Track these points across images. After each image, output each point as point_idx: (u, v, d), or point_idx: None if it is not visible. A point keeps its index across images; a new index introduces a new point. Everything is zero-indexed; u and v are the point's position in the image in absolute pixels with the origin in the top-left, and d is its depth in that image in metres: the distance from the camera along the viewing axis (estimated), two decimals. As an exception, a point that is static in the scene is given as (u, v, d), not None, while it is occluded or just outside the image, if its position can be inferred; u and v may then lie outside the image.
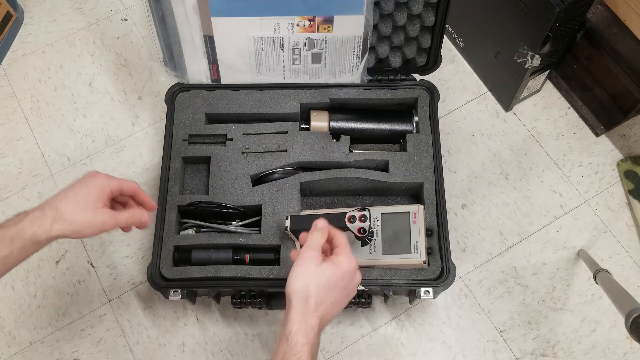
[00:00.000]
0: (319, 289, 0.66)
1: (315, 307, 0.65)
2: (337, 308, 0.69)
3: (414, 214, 0.94)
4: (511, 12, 1.05)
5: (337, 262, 0.68)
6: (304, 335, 0.63)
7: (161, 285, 0.93)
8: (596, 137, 1.21)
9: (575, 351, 1.05)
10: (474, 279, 1.10)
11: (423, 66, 1.07)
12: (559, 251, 1.12)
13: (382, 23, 0.99)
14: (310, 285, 0.65)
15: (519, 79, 1.13)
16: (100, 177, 0.72)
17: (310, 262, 0.67)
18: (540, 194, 1.16)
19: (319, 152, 1.00)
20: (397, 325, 1.06)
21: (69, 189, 0.70)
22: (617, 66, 1.07)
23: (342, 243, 0.71)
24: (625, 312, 0.80)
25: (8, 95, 1.27)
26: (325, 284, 0.66)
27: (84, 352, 1.06)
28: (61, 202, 0.68)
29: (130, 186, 0.75)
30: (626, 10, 1.01)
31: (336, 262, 0.68)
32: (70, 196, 0.69)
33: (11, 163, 1.21)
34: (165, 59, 1.02)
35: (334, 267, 0.67)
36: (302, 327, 0.64)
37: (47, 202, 0.68)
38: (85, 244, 1.13)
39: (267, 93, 1.04)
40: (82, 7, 1.36)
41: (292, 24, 0.96)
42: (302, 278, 0.66)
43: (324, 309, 0.66)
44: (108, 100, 1.26)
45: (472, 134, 1.22)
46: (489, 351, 1.05)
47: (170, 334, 1.07)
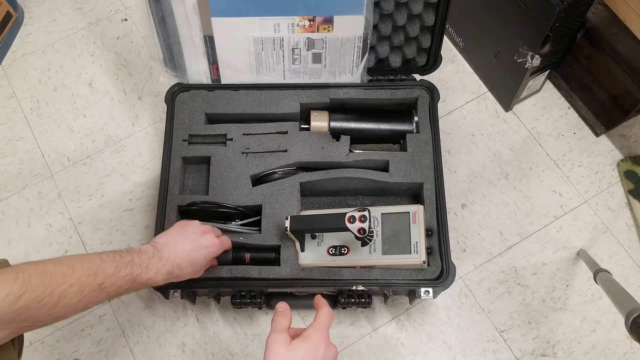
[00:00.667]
0: None
1: None
2: None
3: (413, 214, 0.94)
4: (511, 12, 1.05)
5: (306, 336, 0.67)
6: None
7: (161, 285, 0.93)
8: (596, 137, 1.21)
9: (575, 351, 1.05)
10: (474, 279, 1.10)
11: (423, 66, 1.07)
12: (559, 251, 1.12)
13: (382, 23, 0.99)
14: None
15: (519, 79, 1.13)
16: (215, 244, 0.86)
17: (279, 344, 0.66)
18: (540, 194, 1.16)
19: (319, 152, 1.00)
20: (397, 325, 1.06)
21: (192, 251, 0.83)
22: (617, 66, 1.07)
23: (319, 318, 0.70)
24: (625, 312, 0.80)
25: (8, 95, 1.27)
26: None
27: (84, 352, 1.06)
28: (182, 261, 0.81)
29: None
30: (626, 10, 1.01)
31: (305, 336, 0.67)
32: (191, 259, 0.83)
33: (11, 163, 1.21)
34: (165, 59, 1.02)
35: (304, 341, 0.67)
36: None
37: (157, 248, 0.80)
38: (85, 244, 1.13)
39: (267, 93, 1.04)
40: (82, 7, 1.37)
41: (292, 24, 0.96)
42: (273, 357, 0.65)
43: None
44: (108, 100, 1.26)
45: (472, 134, 1.22)
46: (489, 351, 1.05)
47: (170, 334, 1.07)
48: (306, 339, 0.67)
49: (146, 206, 1.16)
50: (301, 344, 0.67)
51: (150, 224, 1.14)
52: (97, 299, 0.71)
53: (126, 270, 0.72)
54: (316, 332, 0.68)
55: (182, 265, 0.81)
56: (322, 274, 0.92)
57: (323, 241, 0.95)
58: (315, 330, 0.68)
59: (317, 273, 0.92)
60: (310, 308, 1.04)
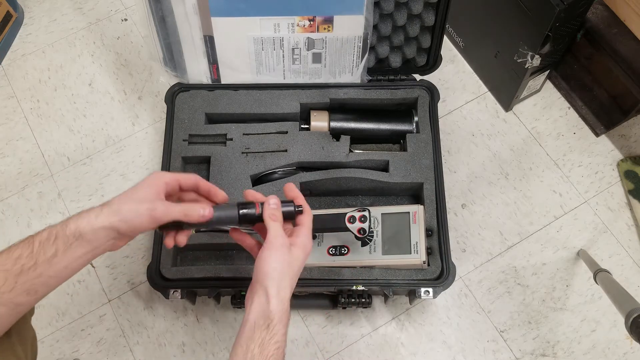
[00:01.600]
0: (292, 278, 0.65)
1: (290, 292, 0.65)
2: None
3: (413, 214, 0.94)
4: (511, 12, 1.05)
5: (302, 246, 0.67)
6: (284, 325, 0.63)
7: (161, 285, 0.93)
8: (596, 137, 1.21)
9: (575, 351, 1.05)
10: (474, 279, 1.10)
11: (423, 66, 1.07)
12: (559, 251, 1.12)
13: (382, 23, 0.99)
14: (285, 273, 0.64)
15: (519, 79, 1.13)
16: (156, 172, 0.67)
17: (284, 249, 0.65)
18: (540, 194, 1.16)
19: (319, 152, 1.00)
20: (397, 325, 1.06)
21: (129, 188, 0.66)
22: (617, 66, 1.07)
23: (305, 222, 0.69)
24: (625, 312, 0.80)
25: (8, 95, 1.27)
26: (297, 271, 0.66)
27: (84, 352, 1.06)
28: (115, 198, 0.64)
29: (189, 177, 0.69)
30: (626, 10, 1.01)
31: (301, 246, 0.67)
32: (127, 192, 0.65)
33: (11, 163, 1.21)
34: (165, 59, 1.02)
35: (302, 252, 0.67)
36: (283, 317, 0.63)
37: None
38: (85, 244, 1.13)
39: (267, 93, 1.04)
40: (82, 7, 1.37)
41: (292, 24, 0.96)
42: (279, 266, 0.64)
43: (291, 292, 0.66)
44: (108, 100, 1.26)
45: (472, 134, 1.22)
46: (489, 351, 1.05)
47: (170, 334, 1.07)
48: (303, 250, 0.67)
49: (146, 206, 1.16)
50: (300, 255, 0.66)
51: (150, 224, 1.14)
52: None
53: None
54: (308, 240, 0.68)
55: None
56: (322, 274, 0.92)
57: (323, 241, 0.95)
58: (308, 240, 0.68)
59: (317, 273, 0.92)
60: (311, 308, 1.06)
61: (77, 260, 0.62)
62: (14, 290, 0.59)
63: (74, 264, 0.62)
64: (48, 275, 0.60)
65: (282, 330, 0.62)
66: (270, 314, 0.62)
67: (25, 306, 0.61)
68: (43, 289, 0.61)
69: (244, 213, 0.68)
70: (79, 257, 0.62)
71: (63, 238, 0.60)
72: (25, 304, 0.61)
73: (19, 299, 0.60)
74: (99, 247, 0.63)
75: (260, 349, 0.61)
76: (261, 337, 0.61)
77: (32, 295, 0.60)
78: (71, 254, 0.61)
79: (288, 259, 0.65)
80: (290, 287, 0.65)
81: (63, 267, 0.61)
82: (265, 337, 0.61)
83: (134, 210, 0.62)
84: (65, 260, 0.61)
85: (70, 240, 0.61)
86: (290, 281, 0.65)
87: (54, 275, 0.61)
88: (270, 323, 0.62)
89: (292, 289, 0.65)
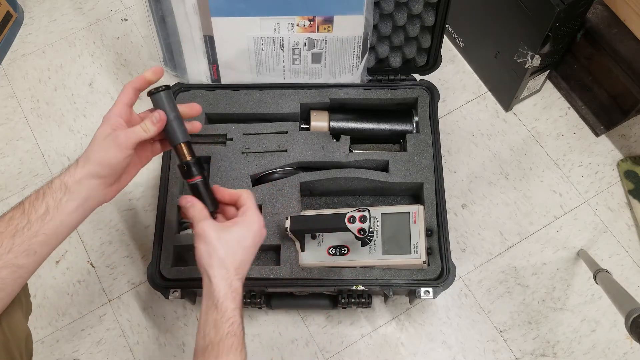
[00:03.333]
0: (234, 253, 0.67)
1: (235, 270, 0.66)
2: (249, 264, 0.70)
3: (413, 214, 0.94)
4: (511, 12, 1.05)
5: (246, 222, 0.69)
6: (232, 300, 0.65)
7: (161, 285, 0.93)
8: (596, 137, 1.21)
9: (575, 351, 1.05)
10: (474, 279, 1.10)
11: (423, 66, 1.07)
12: (559, 251, 1.12)
13: (382, 23, 0.99)
14: (221, 252, 0.66)
15: (519, 79, 1.13)
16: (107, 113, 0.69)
17: (210, 231, 0.67)
18: (540, 194, 1.16)
19: (319, 152, 1.00)
20: (397, 325, 1.06)
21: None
22: (617, 66, 1.07)
23: (248, 202, 0.71)
24: (625, 312, 0.80)
25: (8, 95, 1.27)
26: (237, 246, 0.67)
27: (84, 352, 1.06)
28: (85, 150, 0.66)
29: (126, 93, 0.71)
30: (626, 10, 1.01)
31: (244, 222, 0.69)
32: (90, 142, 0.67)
33: (11, 163, 1.21)
34: (165, 59, 1.02)
35: (243, 228, 0.68)
36: (229, 293, 0.65)
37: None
38: (85, 244, 1.13)
39: (267, 93, 1.04)
40: (82, 7, 1.37)
41: (292, 24, 0.96)
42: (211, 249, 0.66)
43: (242, 269, 0.68)
44: (108, 100, 1.26)
45: (472, 134, 1.22)
46: (489, 351, 1.05)
47: (170, 334, 1.07)
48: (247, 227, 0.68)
49: (146, 206, 1.16)
50: (239, 230, 0.68)
51: (150, 224, 1.14)
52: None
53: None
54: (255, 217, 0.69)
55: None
56: (322, 274, 0.92)
57: (323, 241, 0.95)
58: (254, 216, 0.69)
59: (317, 273, 0.92)
60: (311, 308, 1.06)
61: (71, 215, 0.64)
62: (12, 251, 0.60)
63: (68, 219, 0.63)
64: (44, 234, 0.62)
65: (231, 306, 0.64)
66: (214, 293, 0.64)
67: (26, 269, 0.62)
68: (42, 249, 0.62)
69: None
70: (72, 212, 0.64)
71: (50, 194, 0.63)
72: (26, 266, 0.62)
73: (19, 261, 0.61)
74: (88, 198, 0.65)
75: (215, 330, 0.63)
76: (213, 317, 0.64)
77: (31, 256, 0.62)
78: (63, 209, 0.63)
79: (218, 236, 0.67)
80: (234, 264, 0.66)
81: (59, 223, 0.63)
82: (216, 317, 0.64)
83: (100, 148, 0.65)
84: (58, 216, 0.63)
85: (58, 195, 0.63)
86: (232, 259, 0.66)
87: (50, 232, 0.62)
88: (217, 302, 0.64)
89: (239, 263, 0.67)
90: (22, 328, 0.70)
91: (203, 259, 0.67)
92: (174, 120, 0.71)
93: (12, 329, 0.66)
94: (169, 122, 0.71)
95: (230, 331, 0.63)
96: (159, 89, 0.71)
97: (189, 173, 0.72)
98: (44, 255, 0.63)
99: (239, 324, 0.64)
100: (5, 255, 0.60)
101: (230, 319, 0.64)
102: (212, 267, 0.66)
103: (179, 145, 0.72)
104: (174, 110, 0.71)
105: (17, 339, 0.67)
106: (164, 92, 0.71)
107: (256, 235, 0.70)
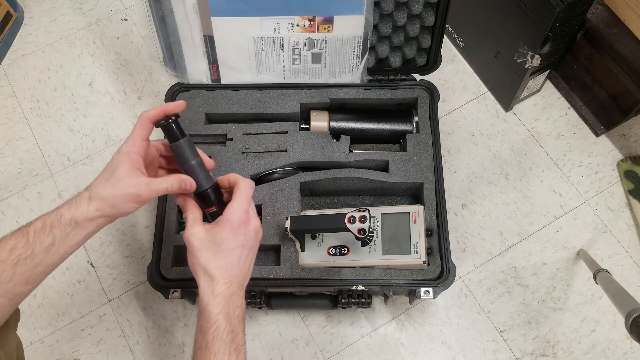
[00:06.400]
0: (215, 259, 0.66)
1: (218, 275, 0.65)
2: (245, 264, 0.68)
3: (413, 214, 0.94)
4: (511, 12, 1.05)
5: (224, 221, 0.66)
6: (214, 305, 0.64)
7: (161, 285, 0.93)
8: (596, 137, 1.21)
9: (575, 351, 1.05)
10: (474, 279, 1.10)
11: (423, 66, 1.07)
12: (559, 251, 1.12)
13: (382, 23, 0.99)
14: (202, 260, 0.65)
15: (519, 79, 1.13)
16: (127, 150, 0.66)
17: (194, 240, 0.66)
18: (540, 194, 1.16)
19: (319, 152, 1.00)
20: (397, 325, 1.06)
21: (103, 169, 0.66)
22: (617, 66, 1.07)
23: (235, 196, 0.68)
24: (625, 312, 0.80)
25: (8, 95, 1.27)
26: (217, 250, 0.66)
27: (84, 352, 1.06)
28: (95, 181, 0.65)
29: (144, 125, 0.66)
30: (626, 10, 1.01)
31: (222, 221, 0.66)
32: (103, 174, 0.65)
33: (11, 163, 1.21)
34: (165, 58, 1.02)
35: (221, 228, 0.66)
36: (210, 299, 0.64)
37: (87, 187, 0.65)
38: (85, 244, 1.13)
39: (267, 93, 1.04)
40: (82, 7, 1.37)
41: (292, 24, 0.96)
42: (194, 258, 0.66)
43: (228, 273, 0.66)
44: (108, 100, 1.26)
45: (472, 134, 1.22)
46: (489, 351, 1.05)
47: (170, 334, 1.07)
48: (222, 226, 0.66)
49: (146, 206, 1.16)
50: (218, 232, 0.66)
51: (150, 224, 1.14)
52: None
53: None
54: (232, 214, 0.67)
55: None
56: (322, 274, 0.92)
57: (323, 241, 0.95)
58: (232, 213, 0.67)
59: (317, 273, 0.92)
60: (311, 308, 1.06)
61: (74, 247, 0.64)
62: (12, 281, 0.60)
63: (70, 250, 0.63)
64: (46, 264, 0.62)
65: (214, 311, 0.64)
66: (200, 300, 0.65)
67: (23, 296, 0.62)
68: (41, 277, 0.63)
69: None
70: (75, 245, 0.64)
71: (59, 228, 0.62)
72: (24, 293, 0.62)
73: (18, 289, 0.61)
74: (94, 231, 0.65)
75: (201, 336, 0.64)
76: (200, 323, 0.64)
77: (30, 285, 0.62)
78: (69, 242, 0.62)
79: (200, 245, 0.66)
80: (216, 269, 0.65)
81: (62, 254, 0.63)
82: (202, 322, 0.64)
83: (120, 197, 0.63)
84: (63, 248, 0.62)
85: (66, 230, 0.62)
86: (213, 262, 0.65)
87: (51, 263, 0.62)
88: (203, 308, 0.64)
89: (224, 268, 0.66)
90: (12, 339, 0.70)
91: (190, 267, 0.67)
92: (196, 167, 0.68)
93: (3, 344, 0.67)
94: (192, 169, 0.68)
95: (216, 336, 0.63)
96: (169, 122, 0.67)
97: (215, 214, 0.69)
98: (40, 282, 0.63)
99: (224, 327, 0.63)
100: (5, 284, 0.59)
101: (214, 323, 0.63)
102: (197, 275, 0.66)
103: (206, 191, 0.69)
104: (196, 156, 0.68)
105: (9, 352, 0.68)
106: (184, 141, 0.67)
107: (239, 232, 0.66)
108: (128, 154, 0.65)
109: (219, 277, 0.65)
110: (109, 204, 0.63)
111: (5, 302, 0.60)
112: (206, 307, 0.64)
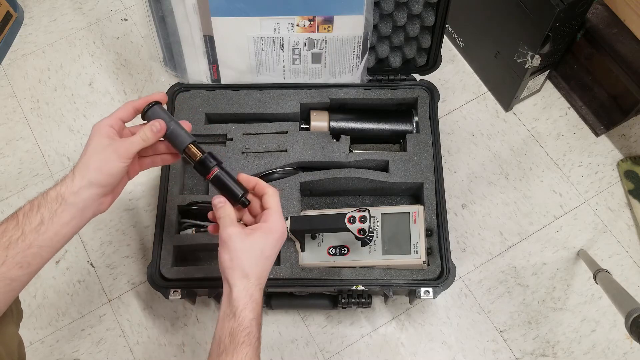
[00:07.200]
0: (256, 264, 0.66)
1: (256, 280, 0.66)
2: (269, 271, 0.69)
3: (413, 214, 0.94)
4: (511, 12, 1.05)
5: (268, 230, 0.67)
6: (251, 310, 0.64)
7: (161, 285, 0.93)
8: (596, 137, 1.21)
9: (575, 351, 1.05)
10: (474, 279, 1.10)
11: (423, 66, 1.07)
12: (559, 251, 1.12)
13: (382, 23, 0.99)
14: (244, 262, 0.65)
15: (519, 79, 1.13)
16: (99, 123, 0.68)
17: (236, 239, 0.66)
18: (540, 194, 1.16)
19: (319, 152, 1.00)
20: (397, 325, 1.06)
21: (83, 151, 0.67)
22: (617, 66, 1.07)
23: (272, 205, 0.69)
24: (625, 312, 0.80)
25: (8, 95, 1.27)
26: (260, 256, 0.66)
27: (84, 352, 1.06)
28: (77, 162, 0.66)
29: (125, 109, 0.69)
30: (626, 10, 1.01)
31: (267, 230, 0.67)
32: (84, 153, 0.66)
33: (11, 163, 1.21)
34: (165, 59, 1.02)
35: (266, 236, 0.67)
36: (248, 303, 0.64)
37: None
38: (85, 244, 1.13)
39: (267, 93, 1.04)
40: (82, 7, 1.37)
41: (292, 24, 0.96)
42: (233, 256, 0.65)
43: (263, 279, 0.67)
44: (108, 100, 1.26)
45: (472, 134, 1.22)
46: (489, 351, 1.05)
47: (170, 334, 1.07)
48: (267, 234, 0.67)
49: (146, 206, 1.16)
50: (262, 239, 0.67)
51: (150, 224, 1.14)
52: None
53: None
54: (276, 224, 0.68)
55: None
56: (322, 274, 0.92)
57: (323, 241, 0.95)
58: (275, 223, 0.68)
59: (317, 273, 0.92)
60: (311, 308, 1.06)
61: (66, 227, 0.63)
62: (5, 264, 0.59)
63: (62, 230, 0.63)
64: (38, 245, 0.61)
65: (249, 316, 0.63)
66: (233, 302, 0.64)
67: (19, 281, 0.62)
68: (36, 261, 0.62)
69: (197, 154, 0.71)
70: (67, 223, 0.63)
71: (46, 205, 0.62)
72: (19, 278, 0.61)
73: (12, 273, 0.60)
74: (84, 209, 0.64)
75: (230, 338, 0.63)
76: (230, 326, 0.63)
77: (25, 269, 0.61)
78: (58, 220, 0.62)
79: (242, 247, 0.65)
80: (255, 274, 0.66)
81: (53, 234, 0.62)
82: (233, 325, 0.63)
83: (100, 158, 0.65)
84: (53, 227, 0.62)
85: (53, 206, 0.62)
86: (254, 269, 0.66)
87: (44, 244, 0.62)
88: (236, 311, 0.63)
89: (260, 273, 0.66)
90: (14, 337, 0.70)
91: (226, 267, 0.66)
92: (175, 126, 0.71)
93: (5, 341, 0.67)
94: (172, 129, 0.70)
95: (246, 341, 0.62)
96: (151, 105, 0.70)
97: (206, 168, 0.71)
98: (37, 267, 0.62)
99: (255, 334, 0.64)
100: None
101: (246, 328, 0.63)
102: (234, 277, 0.65)
103: (187, 147, 0.70)
104: (172, 118, 0.71)
105: (10, 351, 0.67)
106: (158, 105, 0.71)
107: (279, 242, 0.68)
108: (99, 128, 0.67)
109: (256, 282, 0.65)
110: (92, 170, 0.64)
111: (1, 288, 0.60)
112: (243, 310, 0.63)
